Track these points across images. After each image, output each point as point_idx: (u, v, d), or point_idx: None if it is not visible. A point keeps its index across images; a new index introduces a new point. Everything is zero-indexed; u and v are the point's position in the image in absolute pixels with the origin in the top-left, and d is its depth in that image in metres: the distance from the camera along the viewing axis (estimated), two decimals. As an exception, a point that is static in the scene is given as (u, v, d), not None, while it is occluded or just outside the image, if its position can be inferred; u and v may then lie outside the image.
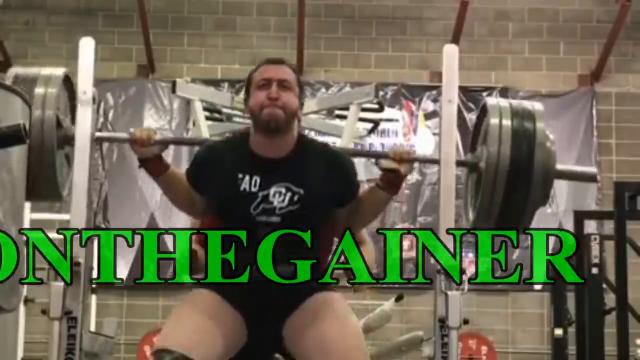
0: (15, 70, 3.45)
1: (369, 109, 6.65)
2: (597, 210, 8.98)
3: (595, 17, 9.57)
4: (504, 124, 3.29)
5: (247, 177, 2.88)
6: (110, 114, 9.33)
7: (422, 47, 9.50)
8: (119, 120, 9.33)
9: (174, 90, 6.40)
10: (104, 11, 9.57)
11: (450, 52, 3.39)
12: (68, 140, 3.40)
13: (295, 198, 2.87)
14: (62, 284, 3.11)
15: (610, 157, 9.40)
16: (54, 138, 3.31)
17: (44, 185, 3.34)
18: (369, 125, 7.44)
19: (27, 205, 7.36)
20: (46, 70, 3.42)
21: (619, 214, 6.02)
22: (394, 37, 9.57)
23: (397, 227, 9.19)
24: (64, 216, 7.73)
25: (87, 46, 3.40)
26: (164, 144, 3.11)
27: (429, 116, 9.34)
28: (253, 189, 2.87)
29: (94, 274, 8.10)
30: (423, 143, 9.31)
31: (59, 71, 3.45)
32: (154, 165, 3.04)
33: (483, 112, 3.42)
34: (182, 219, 9.09)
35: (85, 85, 3.35)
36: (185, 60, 9.49)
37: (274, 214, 2.86)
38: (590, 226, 8.05)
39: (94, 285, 7.91)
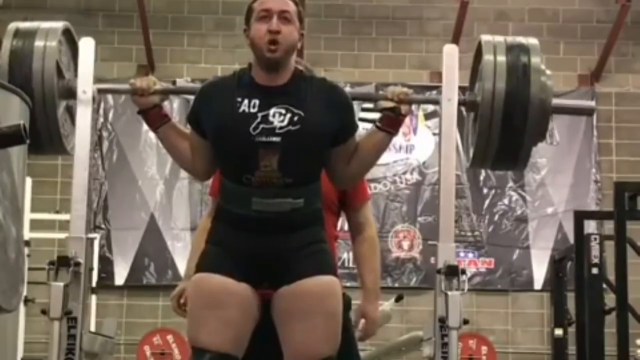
0: (16, 24, 3.46)
1: (369, 109, 6.64)
2: (597, 210, 8.99)
3: (595, 17, 9.57)
4: (498, 60, 3.28)
5: (245, 100, 2.87)
6: (110, 114, 9.32)
7: (422, 47, 9.51)
8: (119, 120, 9.33)
9: (174, 90, 6.39)
10: (104, 11, 9.58)
11: (450, 52, 3.39)
12: (71, 93, 3.40)
13: (296, 119, 2.84)
14: (62, 284, 3.11)
15: (610, 157, 9.40)
16: (54, 89, 3.33)
17: (47, 138, 3.37)
18: (369, 125, 7.43)
19: (27, 205, 7.38)
20: (46, 24, 3.44)
21: (619, 214, 6.03)
22: (394, 37, 9.58)
23: (397, 227, 9.20)
24: (64, 216, 7.77)
25: (87, 46, 3.40)
26: (165, 93, 3.10)
27: (429, 116, 9.34)
28: (252, 110, 2.85)
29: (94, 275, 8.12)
30: (423, 143, 9.32)
31: (59, 24, 3.46)
32: (154, 116, 3.03)
33: (479, 49, 3.40)
34: (182, 219, 9.11)
35: (85, 85, 3.35)
36: (185, 60, 9.49)
37: (274, 133, 2.82)
38: (590, 226, 8.05)
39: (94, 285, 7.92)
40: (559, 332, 8.15)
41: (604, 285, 6.87)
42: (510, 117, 3.23)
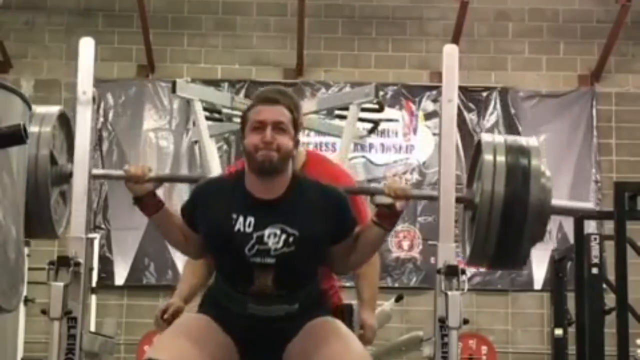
0: None
1: (369, 109, 6.65)
2: (597, 210, 8.98)
3: (595, 17, 9.58)
4: (498, 161, 3.23)
5: (241, 218, 2.86)
6: (110, 114, 9.33)
7: (422, 47, 9.51)
8: (119, 121, 9.33)
9: (174, 90, 6.41)
10: (104, 11, 9.58)
11: (450, 52, 3.38)
12: (64, 178, 3.36)
13: (291, 240, 2.85)
14: (62, 284, 3.10)
15: (610, 157, 9.40)
16: (48, 177, 3.27)
17: (38, 223, 3.28)
18: (369, 125, 7.45)
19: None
20: (41, 109, 3.36)
21: (619, 214, 6.02)
22: (394, 37, 9.58)
23: (397, 227, 9.20)
24: (64, 216, 7.75)
25: (87, 46, 3.39)
26: (159, 181, 3.07)
27: (429, 116, 9.35)
28: (247, 230, 2.85)
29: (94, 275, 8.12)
30: (423, 143, 9.32)
31: (54, 109, 3.41)
32: (149, 203, 3.01)
33: (478, 148, 3.37)
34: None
35: (85, 85, 3.35)
36: (185, 60, 9.49)
37: (269, 255, 2.85)
38: (590, 226, 8.05)
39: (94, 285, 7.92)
40: (559, 332, 8.14)
41: (604, 285, 6.86)
42: (509, 220, 3.18)
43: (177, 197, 9.20)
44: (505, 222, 3.19)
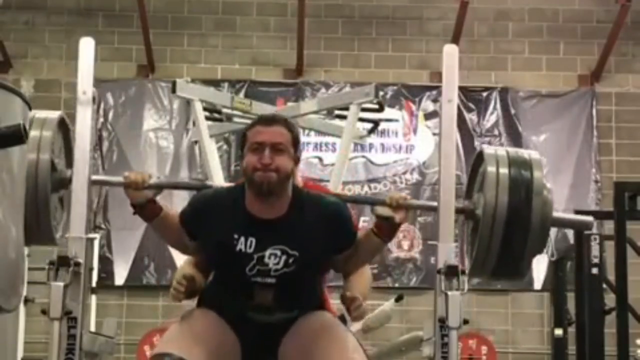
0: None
1: (369, 109, 6.64)
2: (597, 210, 8.98)
3: (595, 17, 9.58)
4: (501, 172, 3.23)
5: (242, 238, 2.89)
6: (110, 114, 9.33)
7: (422, 47, 9.51)
8: (119, 121, 9.33)
9: (174, 90, 6.40)
10: (104, 11, 9.58)
11: (450, 52, 3.38)
12: (63, 184, 3.35)
13: (291, 260, 2.88)
14: (62, 284, 3.10)
15: (610, 157, 9.40)
16: (48, 182, 3.25)
17: (36, 228, 3.25)
18: (369, 125, 7.44)
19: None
20: (41, 114, 3.35)
21: (619, 214, 6.03)
22: (394, 37, 9.58)
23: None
24: (64, 216, 7.75)
25: (87, 46, 3.39)
26: (158, 188, 3.07)
27: (429, 116, 9.34)
28: (248, 250, 2.88)
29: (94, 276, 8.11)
30: (423, 143, 9.32)
31: (54, 114, 3.40)
32: (148, 210, 3.03)
33: (479, 159, 3.37)
34: (182, 219, 9.11)
35: (85, 85, 3.34)
36: (185, 60, 9.49)
37: (269, 275, 2.88)
38: (590, 226, 8.03)
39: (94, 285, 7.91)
40: (559, 332, 8.14)
41: (604, 285, 6.86)
42: (512, 232, 3.19)
43: (177, 196, 9.20)
44: (508, 235, 3.19)
